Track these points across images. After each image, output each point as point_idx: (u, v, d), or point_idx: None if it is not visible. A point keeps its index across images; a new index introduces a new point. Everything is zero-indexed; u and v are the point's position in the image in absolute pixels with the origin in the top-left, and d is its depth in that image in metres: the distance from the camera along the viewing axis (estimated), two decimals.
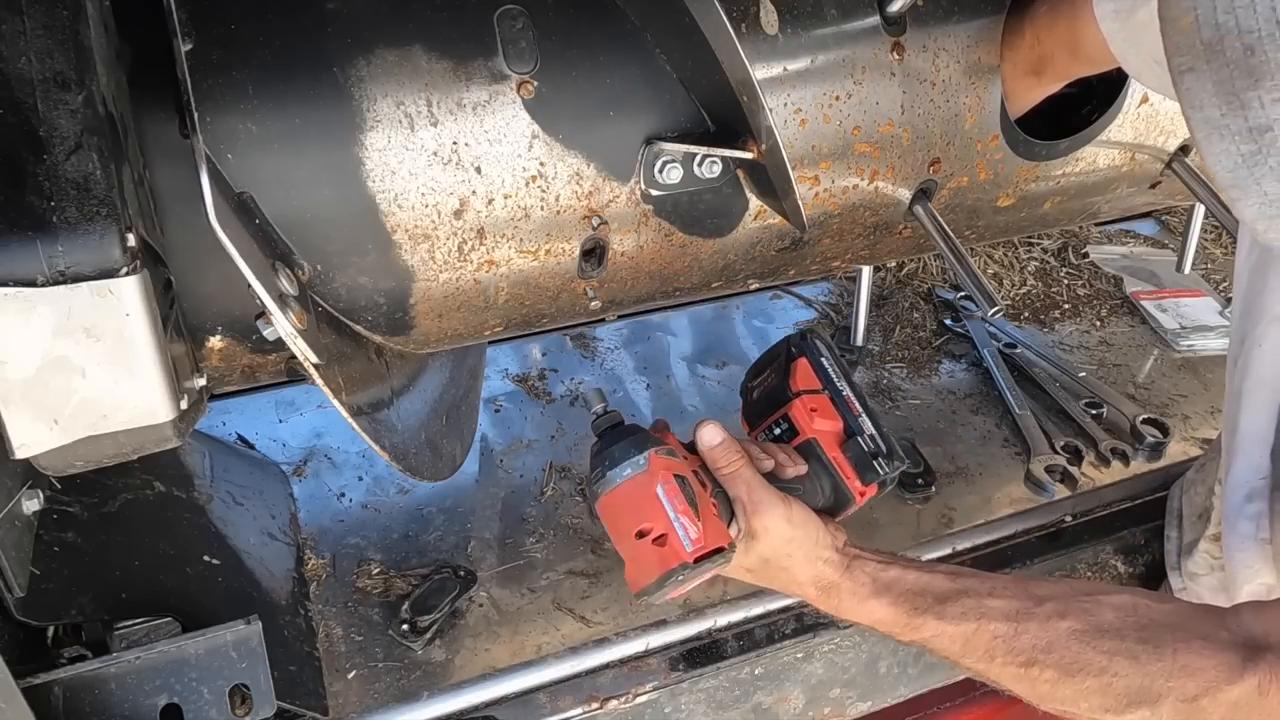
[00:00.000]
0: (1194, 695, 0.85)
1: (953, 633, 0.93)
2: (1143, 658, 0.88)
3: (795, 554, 0.96)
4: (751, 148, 0.92)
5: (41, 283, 0.67)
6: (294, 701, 1.00)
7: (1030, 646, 0.90)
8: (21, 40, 0.68)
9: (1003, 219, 1.20)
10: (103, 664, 0.88)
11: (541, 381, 1.60)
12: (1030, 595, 0.94)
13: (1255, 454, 1.03)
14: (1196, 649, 0.87)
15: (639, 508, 0.88)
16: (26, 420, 0.70)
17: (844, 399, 1.02)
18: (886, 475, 1.00)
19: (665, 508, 0.87)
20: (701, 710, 1.16)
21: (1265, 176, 0.63)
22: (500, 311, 0.98)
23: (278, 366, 0.92)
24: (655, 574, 0.87)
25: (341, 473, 1.40)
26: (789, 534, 0.95)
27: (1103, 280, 1.91)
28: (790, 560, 0.96)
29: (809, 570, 0.96)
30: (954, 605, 0.93)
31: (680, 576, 0.86)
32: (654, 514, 0.87)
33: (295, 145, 0.82)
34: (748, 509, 0.95)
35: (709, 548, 0.88)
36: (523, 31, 0.88)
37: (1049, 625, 0.91)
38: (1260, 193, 0.64)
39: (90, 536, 0.99)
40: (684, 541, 0.86)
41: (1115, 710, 0.88)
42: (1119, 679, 0.87)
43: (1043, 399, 1.59)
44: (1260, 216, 0.66)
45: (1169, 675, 0.86)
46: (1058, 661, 0.89)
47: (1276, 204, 0.64)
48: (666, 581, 0.87)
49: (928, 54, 1.02)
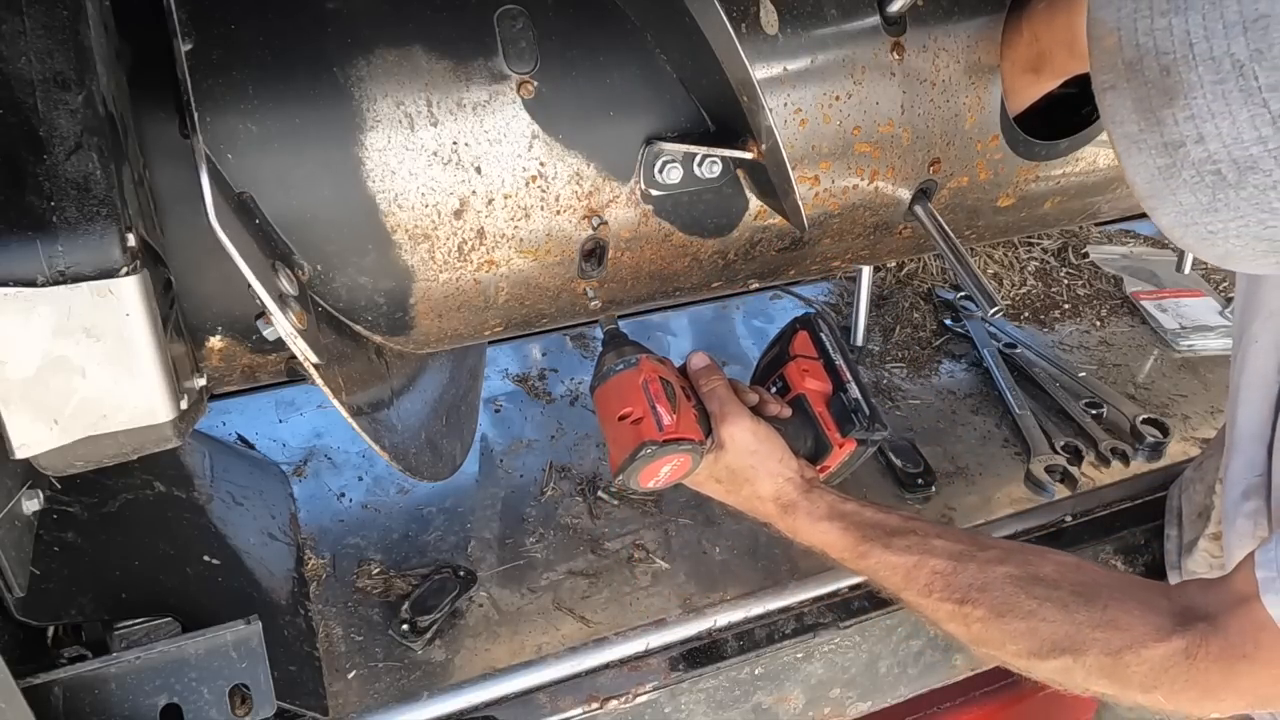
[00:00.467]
0: (1118, 649, 0.88)
1: (896, 563, 0.98)
2: (1073, 607, 0.91)
3: (759, 467, 1.03)
4: (751, 148, 0.92)
5: (41, 283, 0.67)
6: (294, 701, 1.00)
7: (966, 585, 0.95)
8: (21, 40, 0.68)
9: (1003, 219, 1.20)
10: (103, 664, 0.88)
11: (541, 381, 1.60)
12: (976, 542, 1.00)
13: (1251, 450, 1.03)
14: (1128, 607, 0.90)
15: (624, 396, 1.01)
16: (26, 420, 0.70)
17: (836, 367, 1.13)
18: (865, 434, 1.09)
19: (645, 396, 1.00)
20: (701, 710, 1.16)
21: (1179, 188, 0.67)
22: (500, 311, 0.98)
23: (278, 366, 0.92)
24: (628, 449, 0.98)
25: (341, 473, 1.40)
26: (753, 446, 1.03)
27: (1103, 280, 1.91)
28: (754, 473, 1.03)
29: (771, 486, 1.04)
30: (901, 539, 0.99)
31: (648, 451, 0.97)
32: (635, 401, 1.00)
33: (295, 145, 0.82)
34: (719, 419, 1.03)
35: (679, 434, 0.99)
36: (523, 31, 0.88)
37: (987, 568, 0.95)
38: (1176, 203, 0.68)
39: (90, 536, 0.99)
40: (656, 424, 0.98)
41: (1039, 655, 0.91)
42: (1046, 624, 0.91)
43: (1043, 399, 1.59)
44: (1176, 225, 0.69)
45: (1096, 626, 0.89)
46: (990, 601, 0.93)
47: (1190, 213, 0.68)
48: (637, 456, 0.97)
49: (928, 54, 1.02)
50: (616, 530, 1.33)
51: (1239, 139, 0.63)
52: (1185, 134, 0.65)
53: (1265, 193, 0.64)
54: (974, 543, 1.00)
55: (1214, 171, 0.65)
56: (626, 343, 1.06)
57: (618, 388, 1.02)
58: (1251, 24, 0.61)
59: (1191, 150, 0.65)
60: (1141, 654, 0.87)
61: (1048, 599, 0.92)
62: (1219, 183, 0.65)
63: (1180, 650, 0.86)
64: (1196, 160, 0.65)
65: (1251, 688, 0.86)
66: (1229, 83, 0.62)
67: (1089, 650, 0.89)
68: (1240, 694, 0.86)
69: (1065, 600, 0.91)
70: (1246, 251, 0.68)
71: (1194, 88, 0.63)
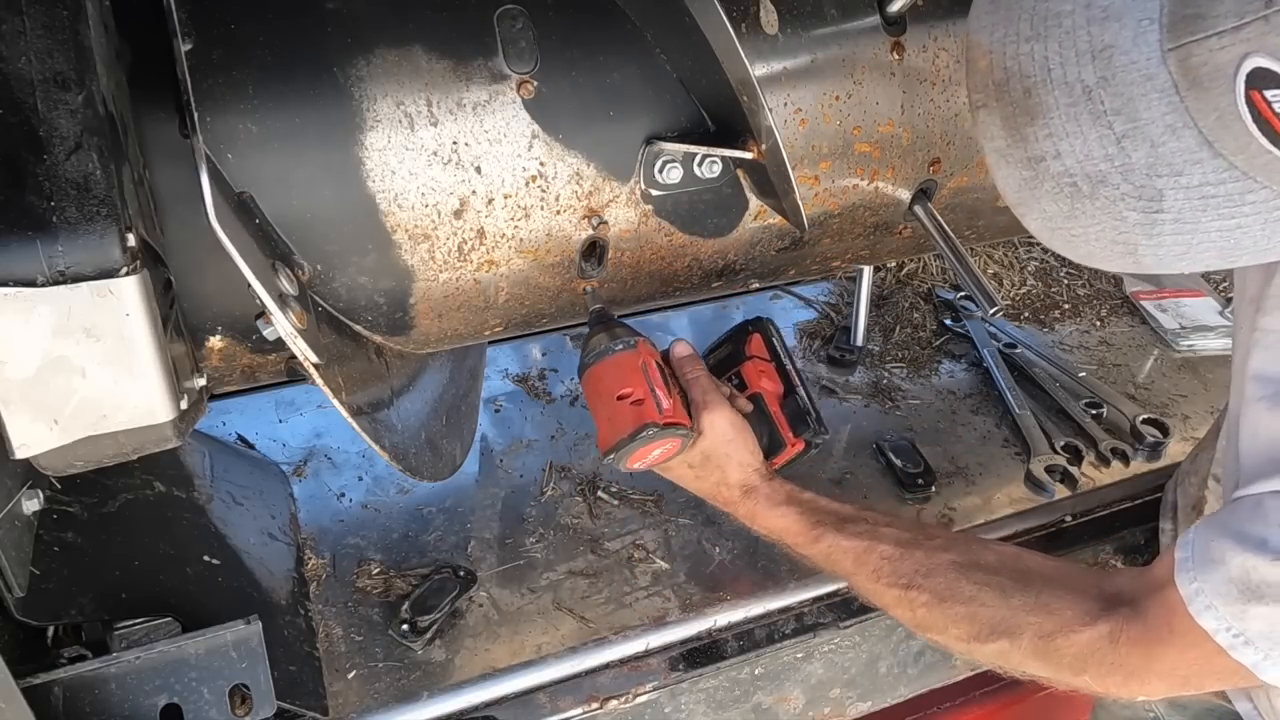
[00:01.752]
0: (1050, 633, 0.92)
1: (847, 547, 1.04)
2: (1009, 592, 0.96)
3: (732, 456, 1.08)
4: (752, 148, 0.92)
5: (41, 283, 0.67)
6: (294, 701, 1.00)
7: (912, 571, 1.00)
8: (21, 40, 0.68)
9: (1003, 219, 1.20)
10: (103, 664, 0.88)
11: (541, 381, 1.60)
12: (924, 531, 1.07)
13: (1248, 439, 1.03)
14: (1059, 594, 0.95)
15: (624, 376, 1.02)
16: (26, 420, 0.70)
17: (786, 372, 1.19)
18: (813, 436, 1.15)
19: (645, 379, 1.02)
20: (701, 710, 1.16)
21: (1043, 198, 0.73)
22: (500, 311, 0.98)
23: (278, 366, 0.92)
24: (629, 429, 1.00)
25: (341, 473, 1.40)
26: (730, 435, 1.07)
27: (1102, 280, 1.91)
28: (726, 460, 1.08)
29: (739, 474, 1.08)
30: (853, 526, 1.05)
31: (649, 433, 1.00)
32: (636, 382, 1.02)
33: (295, 145, 0.82)
34: (700, 407, 1.07)
35: (675, 419, 1.02)
36: (522, 31, 0.88)
37: (932, 555, 1.00)
38: (1040, 210, 0.74)
39: (90, 536, 0.99)
40: (657, 406, 1.01)
41: (979, 639, 0.96)
42: (985, 609, 0.96)
43: (1043, 399, 1.58)
44: (1042, 229, 0.75)
45: (1030, 611, 0.94)
46: (934, 587, 0.98)
47: (1054, 220, 0.73)
48: (638, 436, 1.00)
49: (928, 54, 1.02)
50: (616, 530, 1.33)
51: (1089, 156, 0.69)
52: (1045, 150, 0.71)
53: (1115, 203, 0.69)
54: (921, 531, 1.06)
55: (1070, 184, 0.70)
56: (617, 324, 1.06)
57: (616, 367, 1.02)
58: (1099, 53, 0.66)
59: (1051, 165, 0.71)
60: (1071, 638, 0.91)
61: (987, 584, 0.97)
62: (1075, 194, 0.71)
63: (1105, 635, 0.90)
64: (1055, 174, 0.71)
65: (1171, 669, 0.89)
66: (1079, 105, 0.68)
67: (1023, 634, 0.93)
68: (1162, 676, 0.90)
69: (1004, 585, 0.96)
70: (1106, 253, 0.73)
71: (1051, 109, 0.69)
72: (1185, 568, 0.86)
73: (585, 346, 1.05)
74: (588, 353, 1.04)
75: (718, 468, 1.09)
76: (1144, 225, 0.70)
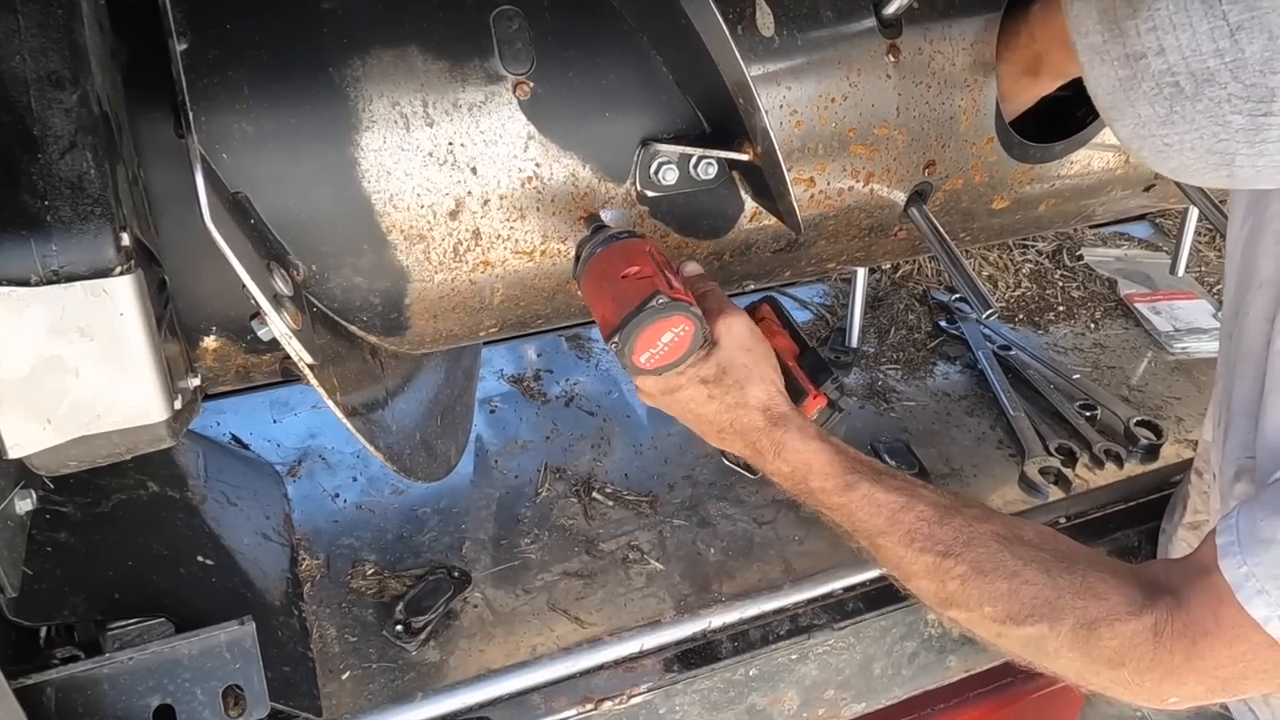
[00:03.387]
0: (1094, 620, 0.85)
1: (883, 500, 0.92)
2: (1054, 571, 0.87)
3: (752, 368, 0.95)
4: (747, 149, 0.92)
5: (35, 282, 0.66)
6: (288, 702, 1.00)
7: (951, 538, 0.89)
8: (16, 39, 0.68)
9: (998, 221, 1.20)
10: (95, 664, 0.88)
11: (536, 382, 1.60)
12: (960, 498, 0.95)
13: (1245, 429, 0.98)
14: (1104, 577, 0.87)
15: (631, 257, 0.91)
16: (19, 420, 0.70)
17: (800, 336, 1.09)
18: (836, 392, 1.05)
19: (652, 260, 0.91)
20: (696, 711, 1.16)
21: (1139, 100, 0.68)
22: (495, 312, 0.98)
23: (272, 367, 0.92)
24: (636, 300, 0.88)
25: (336, 473, 1.40)
26: (749, 343, 0.95)
27: (1097, 283, 1.92)
28: (746, 373, 0.94)
29: (761, 392, 0.95)
30: (889, 479, 0.94)
31: (657, 302, 0.87)
32: (644, 262, 0.91)
33: (290, 145, 0.82)
34: (715, 314, 0.94)
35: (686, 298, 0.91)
36: (519, 32, 0.88)
37: (972, 523, 0.90)
38: (1135, 115, 0.70)
39: (83, 536, 0.99)
40: (665, 282, 0.90)
41: (1016, 620, 0.87)
42: (1028, 586, 0.86)
43: (1037, 401, 1.59)
44: (1134, 137, 0.71)
45: (1076, 593, 0.86)
46: (973, 558, 0.88)
47: (1148, 125, 0.69)
48: (645, 307, 0.88)
49: (923, 56, 1.02)
50: (611, 531, 1.33)
51: (1198, 51, 0.65)
52: (1147, 45, 0.66)
53: (1220, 105, 0.65)
54: (958, 498, 0.96)
55: (1172, 84, 0.66)
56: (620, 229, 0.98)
57: (623, 251, 0.92)
58: None
59: (1152, 62, 0.66)
60: (1116, 627, 0.84)
61: (1031, 560, 0.88)
62: (1177, 95, 0.67)
63: (1150, 627, 0.83)
64: (1156, 72, 0.67)
65: (1212, 668, 0.82)
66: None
67: (1066, 618, 0.85)
68: (1201, 677, 0.83)
69: (1048, 563, 0.87)
70: (1199, 164, 0.70)
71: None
72: (1230, 551, 0.79)
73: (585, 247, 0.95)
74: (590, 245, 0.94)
75: (736, 383, 0.94)
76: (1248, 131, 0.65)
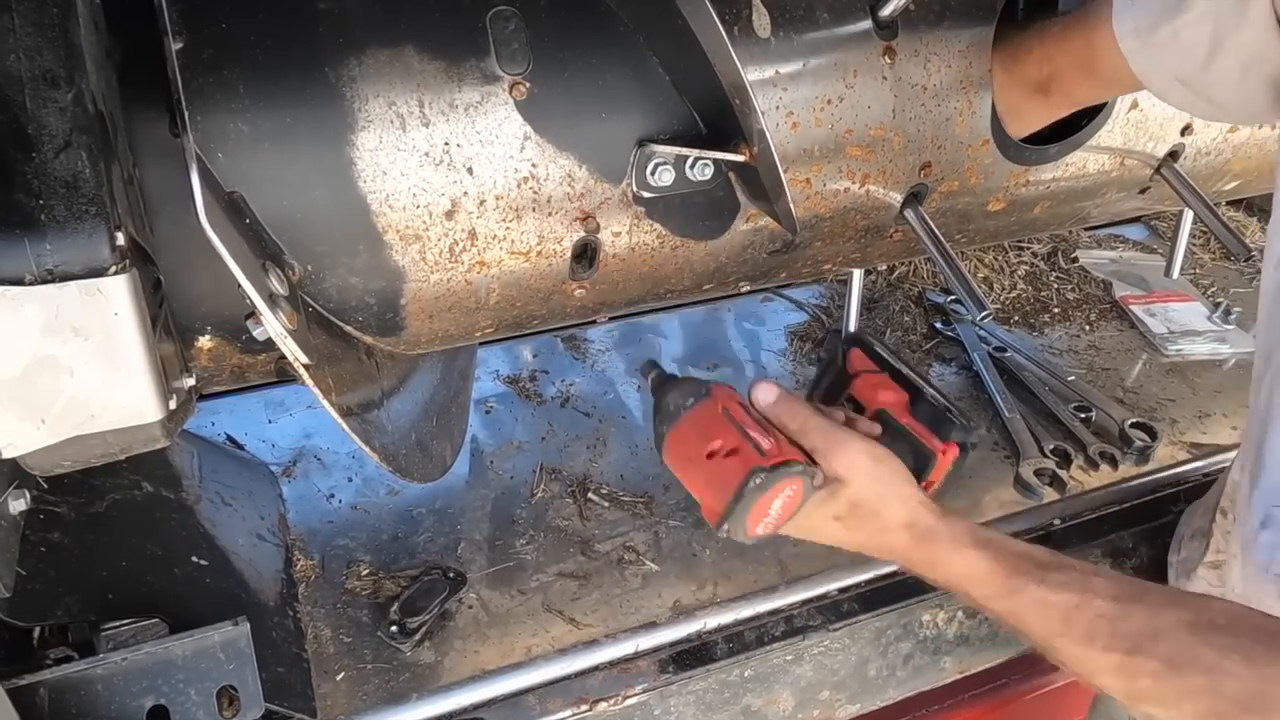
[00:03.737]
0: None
1: (1055, 602, 0.84)
2: (1258, 659, 0.77)
3: (885, 494, 0.90)
4: (743, 150, 0.92)
5: (29, 281, 0.66)
6: (282, 703, 1.00)
7: (1136, 632, 0.81)
8: (10, 37, 0.68)
9: (993, 223, 1.20)
10: (89, 665, 0.88)
11: (532, 383, 1.60)
12: (1138, 584, 0.87)
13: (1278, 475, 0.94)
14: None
15: (707, 430, 0.86)
16: (13, 420, 0.70)
17: (903, 375, 1.01)
18: (966, 435, 0.97)
19: (732, 425, 0.85)
20: (691, 712, 1.16)
21: None
22: (491, 313, 0.98)
23: (267, 367, 0.92)
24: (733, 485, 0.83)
25: (331, 474, 1.40)
26: (875, 471, 0.90)
27: (1092, 285, 1.92)
28: (881, 501, 0.90)
29: (902, 512, 0.90)
30: (1057, 574, 0.86)
31: (757, 481, 0.82)
32: (722, 431, 0.85)
33: (286, 145, 0.82)
34: (827, 452, 0.88)
35: (784, 458, 0.84)
36: (515, 33, 0.88)
37: (1158, 612, 0.82)
38: None
39: (77, 537, 0.98)
40: (756, 450, 0.83)
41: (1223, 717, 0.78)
42: (1230, 680, 0.77)
43: (1032, 402, 1.59)
44: None
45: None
46: (1165, 653, 0.79)
47: None
48: (745, 490, 0.82)
49: (919, 58, 1.02)
50: (607, 532, 1.33)
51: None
52: None
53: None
54: (1135, 583, 0.86)
55: None
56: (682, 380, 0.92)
57: (695, 424, 0.87)
58: None
59: None
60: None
61: (1231, 649, 0.78)
62: None
63: None
64: None
65: None
66: None
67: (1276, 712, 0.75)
68: None
69: (1249, 651, 0.77)
70: None
71: None
72: None
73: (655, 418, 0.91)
74: (661, 423, 0.90)
75: (872, 513, 0.91)
76: None
